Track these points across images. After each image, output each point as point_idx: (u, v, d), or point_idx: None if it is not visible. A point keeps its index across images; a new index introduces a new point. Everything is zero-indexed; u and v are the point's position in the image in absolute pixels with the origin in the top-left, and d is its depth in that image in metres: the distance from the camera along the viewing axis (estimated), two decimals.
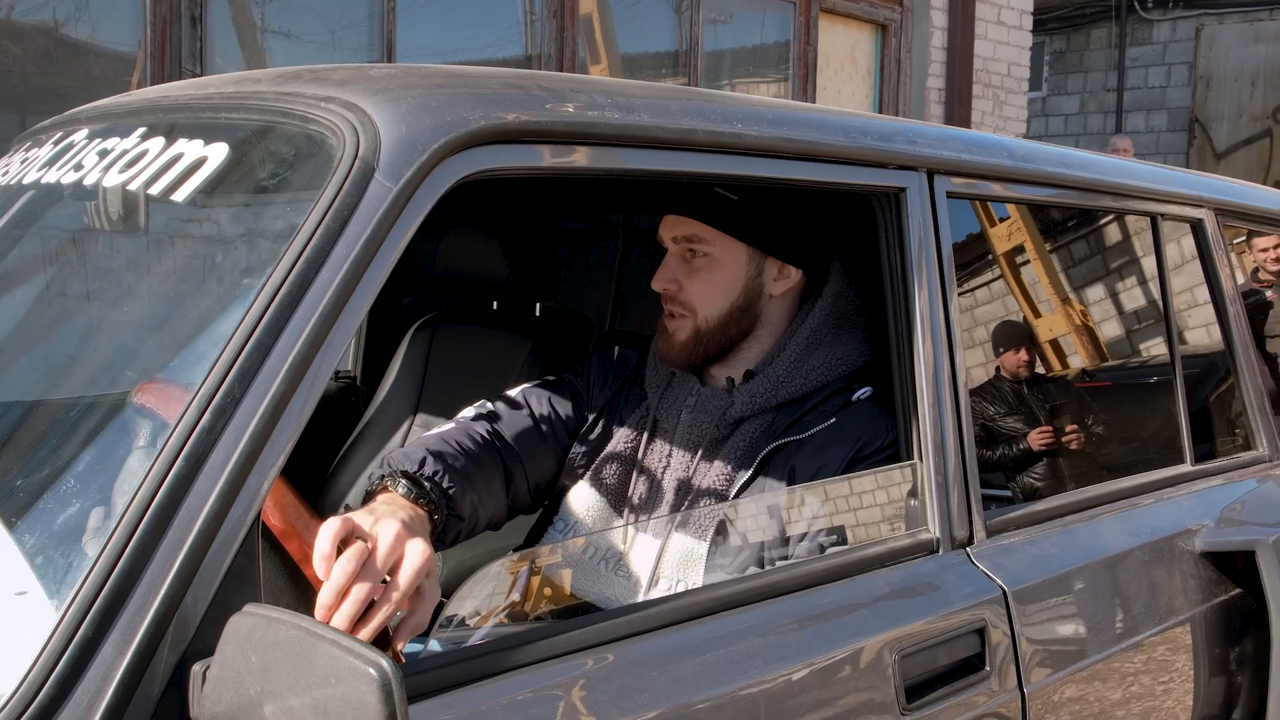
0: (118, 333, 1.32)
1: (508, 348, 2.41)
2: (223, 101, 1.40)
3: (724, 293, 1.72)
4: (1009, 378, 1.96)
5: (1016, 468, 1.94)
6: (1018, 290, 2.00)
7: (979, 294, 1.92)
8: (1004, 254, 1.97)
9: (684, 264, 1.74)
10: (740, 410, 1.68)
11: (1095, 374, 2.15)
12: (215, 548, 1.03)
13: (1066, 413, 2.05)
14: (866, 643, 1.41)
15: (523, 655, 1.18)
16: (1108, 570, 1.79)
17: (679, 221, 1.73)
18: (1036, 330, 2.02)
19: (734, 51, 7.13)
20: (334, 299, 1.12)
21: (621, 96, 1.36)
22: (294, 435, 1.09)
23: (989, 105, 7.61)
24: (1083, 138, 14.03)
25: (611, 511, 1.73)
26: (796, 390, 1.69)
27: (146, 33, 4.75)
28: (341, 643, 0.90)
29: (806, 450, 1.62)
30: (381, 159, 1.17)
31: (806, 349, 1.71)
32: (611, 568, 1.66)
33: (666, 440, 1.73)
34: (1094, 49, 14.23)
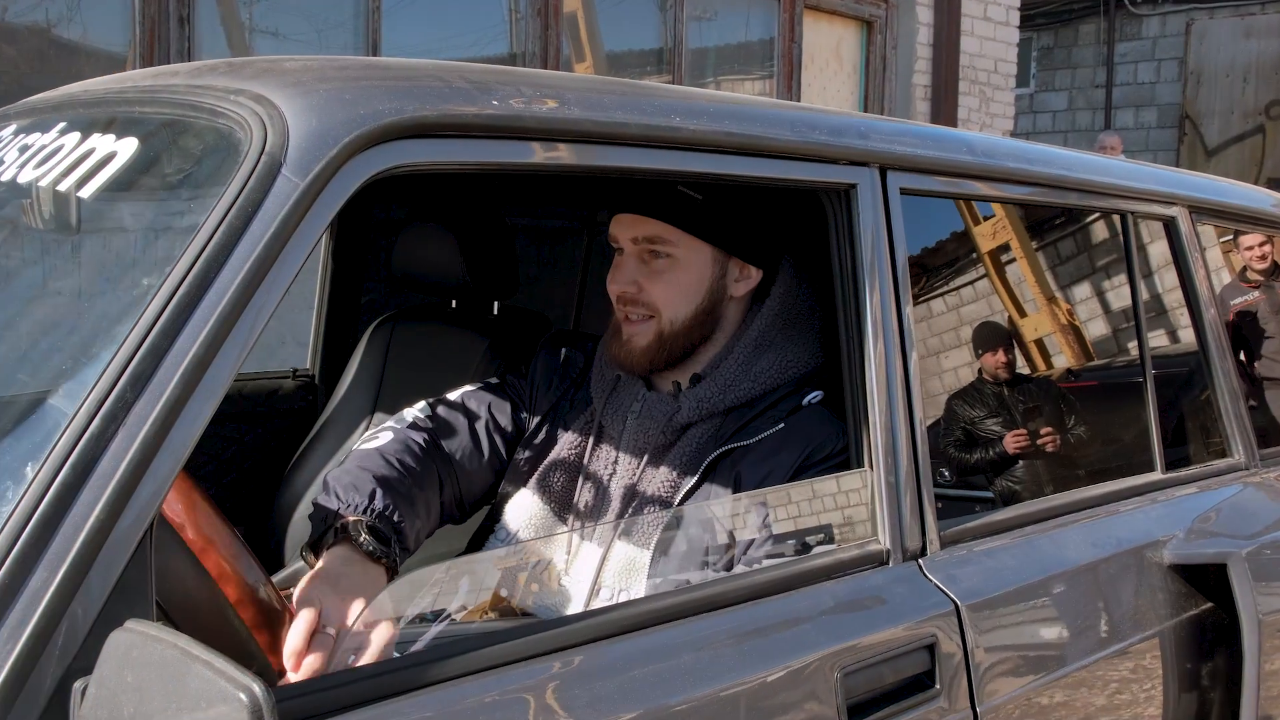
0: (16, 333, 1.27)
1: (465, 346, 2.40)
2: (137, 95, 1.37)
3: (689, 295, 1.69)
4: (989, 380, 1.92)
5: (995, 471, 1.91)
6: (1000, 290, 1.96)
7: (963, 293, 1.88)
8: (987, 253, 1.94)
9: (643, 265, 1.70)
10: (687, 416, 1.65)
11: (1079, 374, 2.11)
12: (102, 559, 1.00)
13: (1042, 415, 2.00)
14: (807, 659, 1.38)
15: (432, 673, 1.14)
16: (1069, 583, 1.75)
17: (638, 221, 1.69)
18: (1018, 331, 1.98)
19: (718, 49, 7.12)
20: (234, 300, 1.08)
21: (550, 89, 1.32)
22: (190, 442, 1.06)
23: (975, 102, 7.59)
24: (1071, 134, 14.04)
25: (555, 519, 1.69)
26: (744, 394, 1.65)
27: (136, 33, 4.79)
28: (214, 664, 0.86)
29: (753, 456, 1.59)
30: (289, 153, 1.14)
31: (754, 351, 1.68)
32: (554, 576, 1.62)
33: (612, 446, 1.69)
34: (1082, 45, 14.23)
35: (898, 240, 1.63)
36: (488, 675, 1.17)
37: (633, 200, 1.69)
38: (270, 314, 1.11)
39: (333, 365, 2.73)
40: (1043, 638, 1.69)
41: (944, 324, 1.85)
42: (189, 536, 1.25)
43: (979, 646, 1.56)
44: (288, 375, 2.75)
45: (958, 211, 1.89)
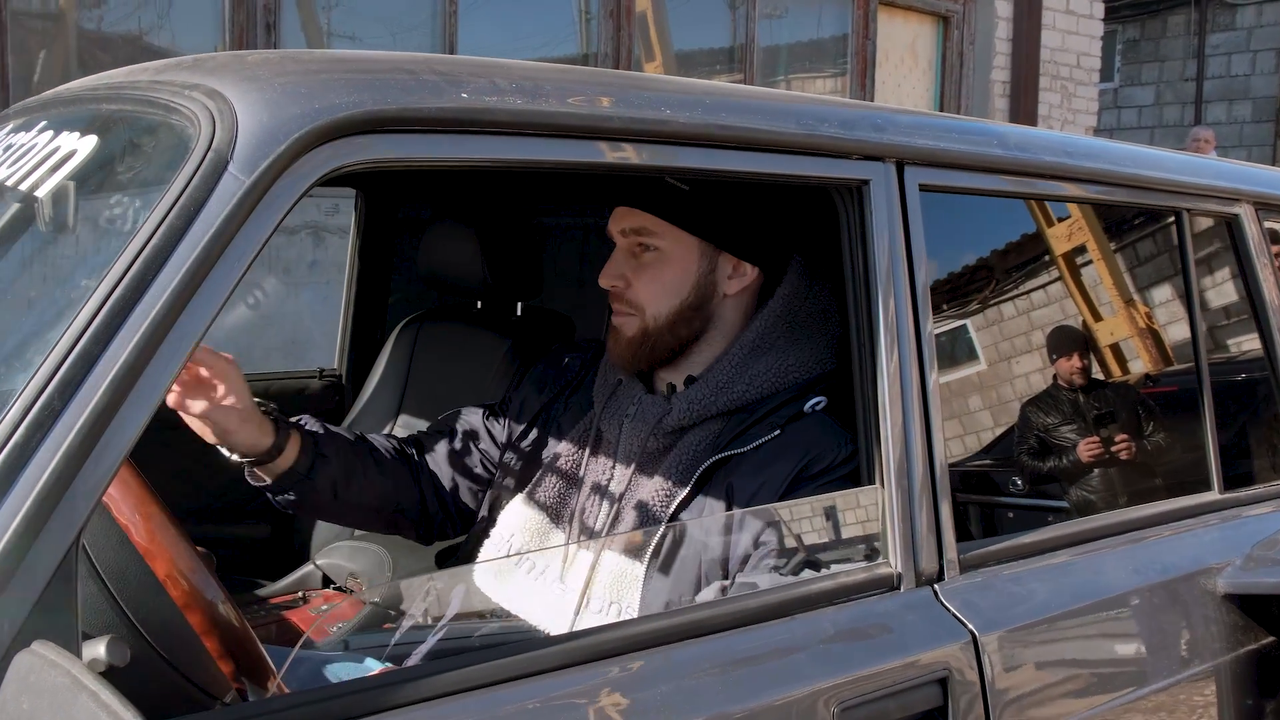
0: None
1: (488, 347, 2.41)
2: (105, 92, 1.36)
3: (673, 290, 1.65)
4: (1064, 385, 1.83)
5: (1070, 480, 1.83)
6: (1073, 292, 1.86)
7: (1024, 298, 1.79)
8: (1062, 255, 1.84)
9: (632, 259, 1.67)
10: (678, 419, 1.59)
11: (1159, 379, 2.00)
12: (23, 574, 0.96)
13: (1118, 422, 1.89)
14: (798, 692, 1.30)
15: (391, 696, 1.08)
16: (1106, 613, 1.65)
17: (627, 213, 1.67)
18: (1093, 334, 1.87)
19: (790, 46, 7.05)
20: (171, 303, 1.04)
21: (528, 80, 1.27)
22: (122, 453, 1.02)
23: (1057, 98, 7.39)
24: (1158, 130, 13.63)
25: (550, 526, 1.65)
26: (739, 398, 1.58)
27: (225, 39, 4.98)
28: (100, 696, 0.83)
29: (748, 466, 1.52)
30: (237, 150, 1.10)
31: (752, 353, 1.61)
32: (547, 586, 1.57)
33: (609, 452, 1.65)
34: (1171, 36, 13.79)
35: (915, 240, 1.54)
36: (456, 700, 1.12)
37: (619, 191, 1.67)
38: (213, 317, 1.07)
39: (360, 365, 2.75)
40: (1074, 674, 1.58)
41: (1010, 329, 1.77)
42: (137, 540, 1.21)
43: (999, 682, 1.47)
44: (315, 375, 2.76)
45: (999, 210, 1.80)
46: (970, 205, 1.72)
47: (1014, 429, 1.76)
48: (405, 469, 1.81)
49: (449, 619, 1.61)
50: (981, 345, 1.73)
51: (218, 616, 1.25)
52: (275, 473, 1.64)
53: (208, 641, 1.24)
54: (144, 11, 4.93)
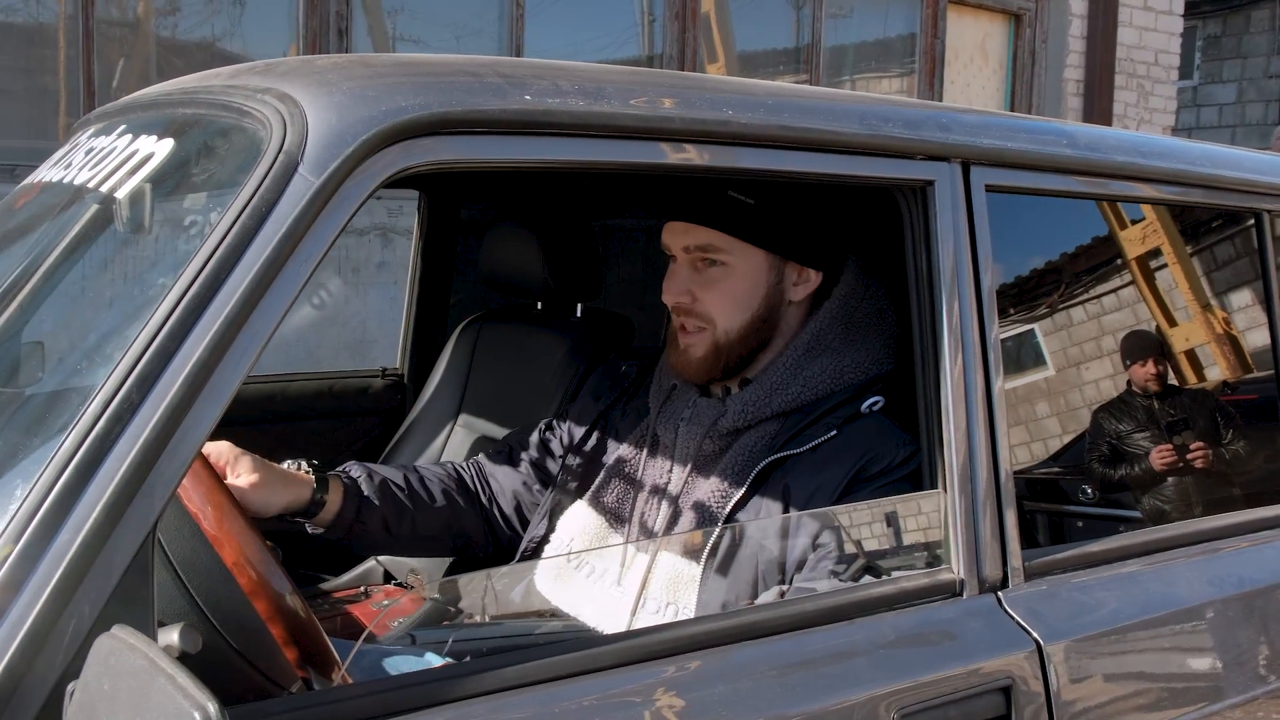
0: (52, 332, 1.31)
1: (548, 348, 2.44)
2: (181, 97, 1.41)
3: (744, 304, 1.66)
4: (1139, 392, 1.81)
5: (1142, 489, 1.82)
6: (1147, 296, 1.85)
7: (1094, 302, 1.79)
8: (1134, 258, 1.83)
9: (697, 274, 1.68)
10: (733, 421, 1.61)
11: (1237, 387, 1.98)
12: (102, 561, 1.01)
13: (1193, 430, 1.88)
14: (859, 697, 1.32)
15: (451, 690, 1.11)
16: (1178, 626, 1.64)
17: (689, 229, 1.67)
18: (1167, 340, 1.86)
19: (856, 46, 7.03)
20: (244, 301, 1.09)
21: (591, 82, 1.30)
22: (196, 446, 1.06)
23: (1133, 96, 7.28)
24: (1240, 129, 13.35)
25: (609, 530, 1.68)
26: (794, 399, 1.60)
27: (300, 45, 5.14)
28: (177, 679, 0.87)
29: (805, 466, 1.54)
30: (307, 151, 1.14)
31: (807, 354, 1.63)
32: (605, 589, 1.59)
33: (666, 456, 1.67)
34: (1254, 32, 13.49)
35: (981, 241, 1.54)
36: (510, 695, 1.15)
37: (681, 207, 1.66)
38: (283, 314, 1.11)
39: (421, 365, 2.80)
40: (1142, 687, 1.58)
41: (1080, 334, 1.76)
42: (207, 529, 1.26)
43: (1064, 693, 1.47)
44: (377, 374, 2.81)
45: (1067, 211, 1.79)
46: (1039, 206, 1.72)
47: (1084, 436, 1.75)
48: (464, 496, 1.90)
49: (507, 616, 1.65)
50: (1050, 350, 1.73)
51: (283, 605, 1.29)
52: (324, 522, 1.76)
53: (274, 629, 1.28)
54: (218, 19, 5.11)
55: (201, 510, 1.26)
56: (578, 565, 1.65)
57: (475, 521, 1.88)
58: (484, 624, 1.63)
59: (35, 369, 1.40)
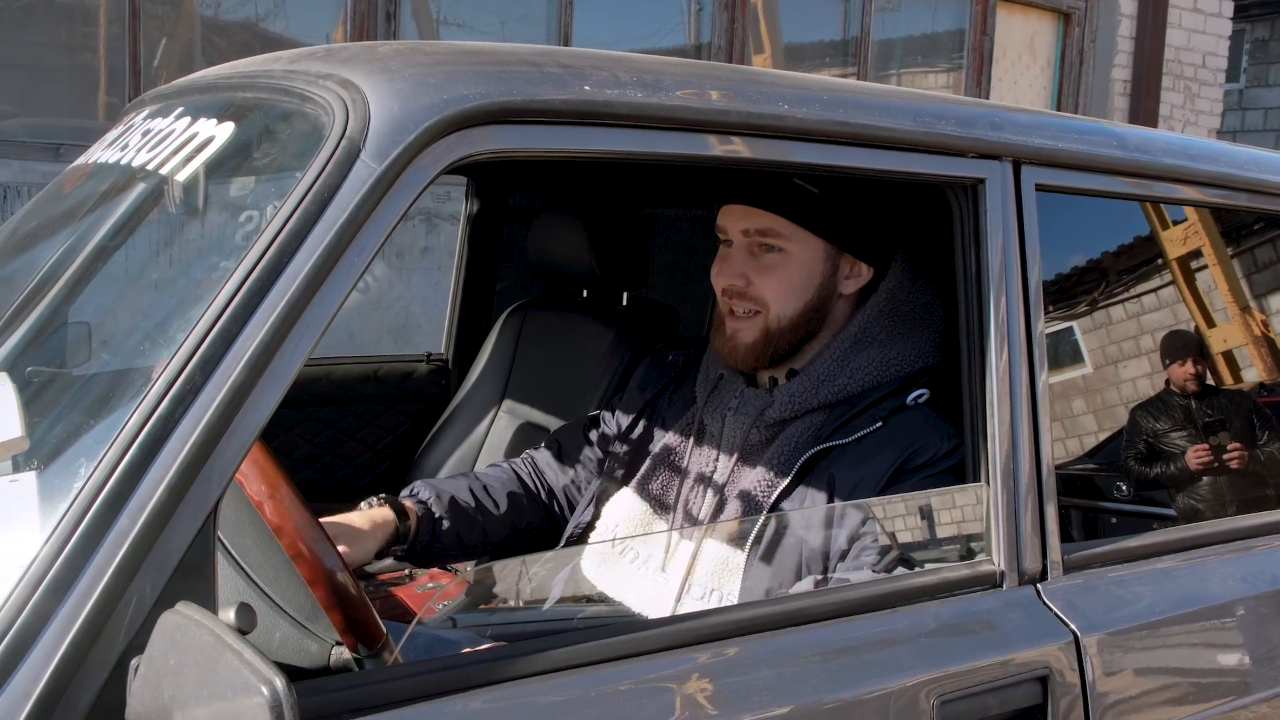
0: (111, 313, 1.33)
1: (593, 335, 2.43)
2: (241, 80, 1.41)
3: (799, 291, 1.65)
4: (1177, 391, 1.81)
5: (1177, 487, 1.81)
6: (1188, 297, 1.84)
7: (1138, 301, 1.78)
8: (1167, 259, 1.83)
9: (753, 258, 1.67)
10: (779, 411, 1.61)
11: (1274, 389, 1.97)
12: (166, 539, 1.02)
13: (1229, 430, 1.87)
14: (901, 684, 1.31)
15: (503, 670, 1.13)
16: (1212, 621, 1.62)
17: (750, 213, 1.66)
18: (1207, 341, 1.85)
19: (904, 40, 6.98)
20: (306, 285, 1.09)
21: (649, 74, 1.29)
22: (257, 427, 1.07)
23: (1179, 98, 7.19)
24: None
25: (654, 517, 1.69)
26: (841, 390, 1.60)
27: (346, 28, 5.10)
28: (244, 655, 0.87)
29: (850, 457, 1.54)
30: (369, 138, 1.14)
31: (854, 346, 1.63)
32: (649, 575, 1.61)
33: (712, 445, 1.67)
34: None
35: (1030, 239, 1.53)
36: (560, 677, 1.16)
37: (745, 191, 1.66)
38: (344, 299, 1.12)
39: (466, 350, 2.80)
40: (1177, 679, 1.56)
41: (1119, 332, 1.76)
42: (267, 516, 1.27)
43: (1100, 683, 1.46)
44: (422, 359, 2.83)
45: (1114, 212, 1.78)
46: (1087, 206, 1.71)
47: (1122, 433, 1.75)
48: (526, 495, 1.93)
49: (552, 600, 1.66)
50: (1091, 348, 1.72)
51: (342, 590, 1.31)
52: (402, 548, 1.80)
53: (332, 616, 1.29)
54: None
55: (261, 497, 1.27)
56: (622, 551, 1.66)
57: (538, 517, 1.91)
58: (527, 608, 1.65)
59: (82, 350, 1.42)
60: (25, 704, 0.94)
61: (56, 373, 1.39)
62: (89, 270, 1.47)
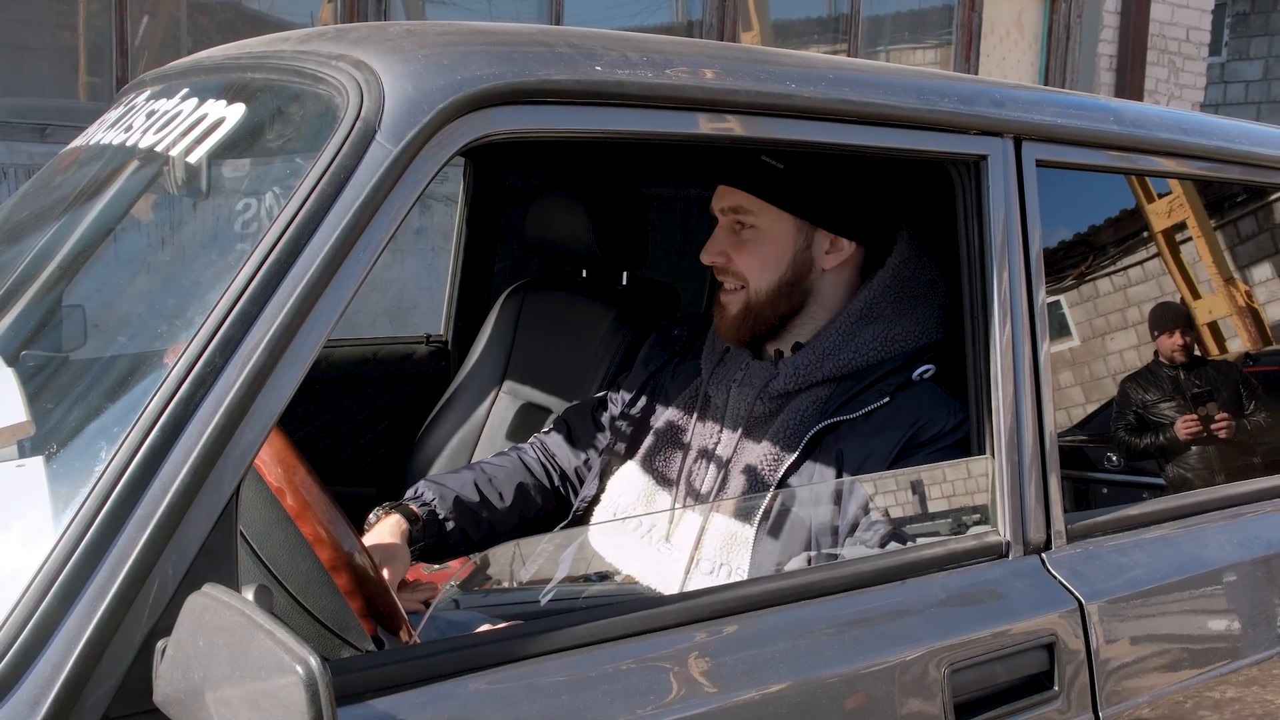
0: (125, 295, 1.32)
1: (593, 316, 2.41)
2: (250, 61, 1.39)
3: (771, 265, 1.68)
4: (1165, 362, 1.82)
5: (1166, 457, 1.82)
6: (1174, 270, 1.85)
7: (1132, 273, 1.79)
8: (1153, 231, 1.84)
9: (732, 235, 1.70)
10: (784, 383, 1.62)
11: (1260, 358, 1.98)
12: (189, 522, 1.01)
13: (1217, 400, 1.89)
14: (912, 653, 1.32)
15: (521, 648, 1.13)
16: (1210, 586, 1.64)
17: (727, 192, 1.70)
18: (1195, 312, 1.86)
19: (894, 17, 6.95)
20: (324, 267, 1.08)
21: (659, 54, 1.29)
22: (277, 409, 1.06)
23: (1164, 73, 7.20)
24: (1265, 105, 13.20)
25: (657, 488, 1.69)
26: (846, 364, 1.61)
27: (337, 6, 5.03)
28: (276, 634, 0.86)
29: (858, 433, 1.54)
30: (384, 119, 1.13)
31: (860, 321, 1.64)
32: (653, 545, 1.62)
33: (716, 418, 1.68)
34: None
35: (1031, 215, 1.53)
36: (579, 653, 1.16)
37: (715, 170, 1.69)
38: (361, 280, 1.11)
39: (466, 332, 2.77)
40: (1176, 643, 1.57)
41: (1111, 304, 1.77)
42: (288, 503, 1.27)
43: (1104, 648, 1.47)
44: (422, 340, 2.81)
45: (1110, 186, 1.79)
46: (1085, 181, 1.72)
47: (1112, 404, 1.77)
48: (534, 483, 1.93)
49: (558, 580, 1.67)
50: (1087, 320, 1.73)
51: (361, 575, 1.31)
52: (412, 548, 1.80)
53: (352, 602, 1.29)
54: None
55: (282, 484, 1.27)
56: (626, 523, 1.68)
57: (548, 504, 1.91)
58: (536, 587, 1.65)
59: (77, 333, 1.40)
60: (51, 689, 0.93)
61: (51, 357, 1.38)
62: (90, 254, 1.44)
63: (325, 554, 1.26)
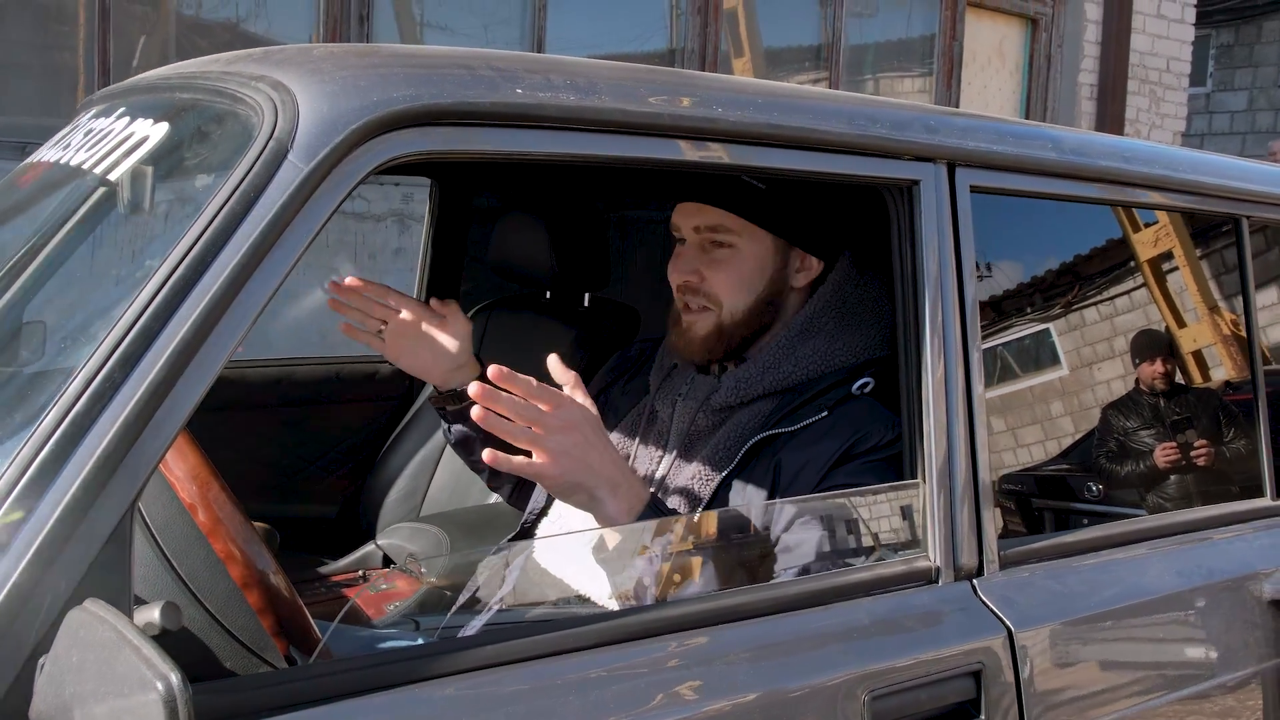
0: (42, 310, 1.30)
1: (554, 337, 2.41)
2: (179, 81, 1.39)
3: (750, 285, 1.66)
4: (1146, 390, 1.81)
5: (1146, 486, 1.80)
6: (1159, 298, 1.84)
7: (1118, 302, 1.79)
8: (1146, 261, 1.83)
9: (705, 254, 1.67)
10: (726, 397, 1.62)
11: (1240, 386, 1.96)
12: (79, 537, 0.99)
13: (1195, 428, 1.86)
14: (830, 680, 1.29)
15: (413, 670, 1.11)
16: (1147, 615, 1.61)
17: (701, 210, 1.66)
18: (1177, 340, 1.85)
19: (877, 46, 6.98)
20: (227, 285, 1.07)
21: (583, 78, 1.28)
22: (176, 427, 1.04)
23: (1145, 102, 7.21)
24: (1250, 136, 13.24)
25: None
26: (786, 378, 1.60)
27: (320, 29, 5.05)
28: (141, 650, 0.85)
29: (795, 443, 1.54)
30: (297, 139, 1.12)
31: (800, 335, 1.64)
32: (595, 562, 1.59)
33: (662, 431, 1.69)
34: (1266, 42, 13.38)
35: (965, 241, 1.52)
36: (483, 675, 1.14)
37: (695, 188, 1.66)
38: (268, 300, 1.10)
39: None
40: (1110, 672, 1.55)
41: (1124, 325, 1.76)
42: (199, 519, 1.25)
43: (1034, 678, 1.45)
44: (384, 360, 2.77)
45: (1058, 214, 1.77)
46: (1025, 209, 1.70)
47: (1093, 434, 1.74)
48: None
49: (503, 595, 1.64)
50: (1066, 349, 1.72)
51: (274, 593, 1.29)
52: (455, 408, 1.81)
53: (264, 620, 1.27)
54: (241, 1, 5.04)
55: (194, 499, 1.25)
56: (572, 542, 1.65)
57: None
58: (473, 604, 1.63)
59: (37, 348, 1.40)
60: None
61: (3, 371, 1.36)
62: (35, 268, 1.44)
63: (237, 571, 1.24)
